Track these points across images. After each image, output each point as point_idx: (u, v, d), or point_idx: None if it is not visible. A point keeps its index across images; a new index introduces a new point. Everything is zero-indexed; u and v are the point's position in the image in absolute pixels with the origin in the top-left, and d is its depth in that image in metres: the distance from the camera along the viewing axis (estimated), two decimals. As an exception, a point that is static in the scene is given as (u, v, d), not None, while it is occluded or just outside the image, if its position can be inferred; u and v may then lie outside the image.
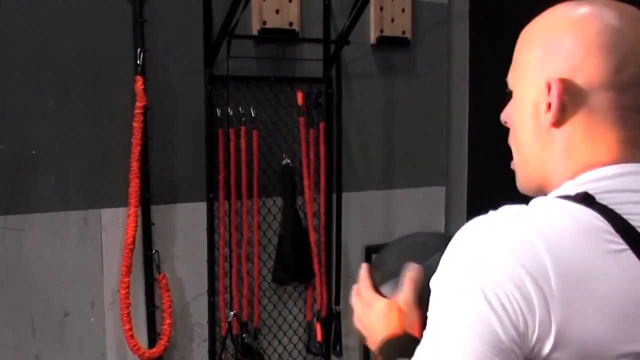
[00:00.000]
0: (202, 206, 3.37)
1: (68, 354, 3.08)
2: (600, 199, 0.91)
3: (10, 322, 2.99)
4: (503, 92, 1.16)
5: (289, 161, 3.55)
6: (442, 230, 4.19)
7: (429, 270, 1.10)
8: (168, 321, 3.23)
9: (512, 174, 4.09)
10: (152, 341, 3.23)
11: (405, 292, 1.18)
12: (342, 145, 3.73)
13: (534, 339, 0.85)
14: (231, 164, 3.37)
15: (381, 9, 3.81)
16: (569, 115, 0.97)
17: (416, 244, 1.36)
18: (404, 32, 3.90)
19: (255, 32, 3.46)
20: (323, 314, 3.61)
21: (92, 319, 3.16)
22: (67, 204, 3.10)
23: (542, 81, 0.98)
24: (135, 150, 3.12)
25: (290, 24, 3.54)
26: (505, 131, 1.21)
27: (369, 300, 1.22)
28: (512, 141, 1.11)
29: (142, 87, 3.11)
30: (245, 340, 3.41)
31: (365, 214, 3.90)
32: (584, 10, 0.99)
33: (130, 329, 3.14)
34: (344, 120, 3.74)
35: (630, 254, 0.87)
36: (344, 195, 3.75)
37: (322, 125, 3.62)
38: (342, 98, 3.72)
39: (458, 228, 3.75)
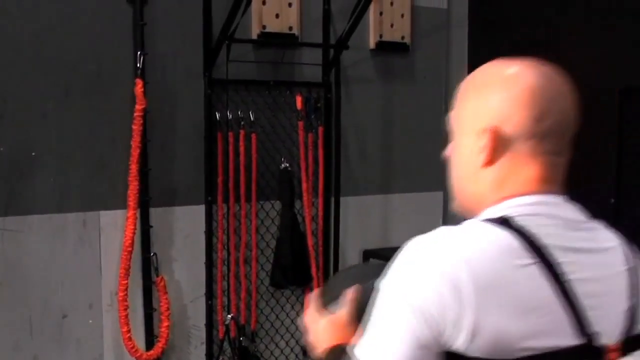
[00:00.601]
0: (200, 209, 3.38)
1: (66, 355, 3.09)
2: (518, 220, 1.12)
3: (8, 322, 2.99)
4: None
5: (288, 165, 3.55)
6: None
7: (365, 292, 1.32)
8: (166, 323, 3.24)
9: None
10: (150, 343, 3.23)
11: (343, 309, 1.39)
12: (340, 149, 3.74)
13: (452, 334, 1.05)
14: (230, 167, 3.38)
15: (380, 14, 3.83)
16: (498, 157, 1.18)
17: (357, 272, 1.60)
18: (403, 37, 3.92)
19: (254, 36, 3.47)
20: None
21: (90, 321, 3.16)
22: (66, 205, 3.10)
23: (478, 129, 1.18)
24: (135, 152, 3.12)
25: (290, 28, 3.55)
26: None
27: (314, 318, 1.45)
28: (450, 174, 1.30)
29: (142, 90, 3.12)
30: (243, 344, 3.41)
31: (363, 218, 3.90)
32: (512, 70, 1.20)
33: (128, 331, 3.15)
34: (343, 124, 3.75)
35: (534, 267, 1.08)
36: (342, 199, 3.76)
37: (320, 130, 3.63)
38: (341, 102, 3.73)
39: None
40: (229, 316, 3.38)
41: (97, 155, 3.16)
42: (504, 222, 1.12)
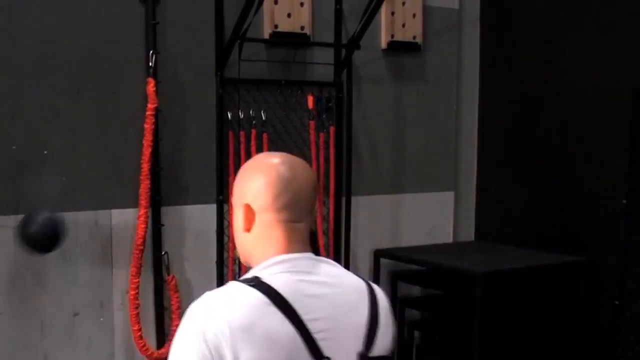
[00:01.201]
0: (212, 208, 3.38)
1: (76, 354, 3.09)
2: (266, 280, 1.49)
3: (19, 321, 3.00)
4: (513, 97, 1.28)
5: None
6: (451, 234, 4.21)
7: None
8: (176, 322, 3.21)
9: (521, 180, 4.08)
10: (161, 342, 3.24)
11: None
12: (351, 149, 3.75)
13: None
14: (241, 166, 3.34)
15: (392, 14, 3.83)
16: (253, 225, 1.58)
17: None
18: (414, 37, 3.92)
19: (266, 36, 3.48)
20: None
21: (101, 319, 3.17)
22: (78, 204, 3.11)
23: (240, 204, 1.61)
24: (146, 151, 3.13)
25: (302, 28, 3.56)
26: (515, 139, 1.31)
27: None
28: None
29: (154, 89, 3.13)
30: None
31: (374, 218, 3.92)
32: (267, 161, 1.61)
33: (139, 330, 3.15)
34: (354, 124, 3.76)
35: (279, 314, 1.44)
36: (353, 198, 3.77)
37: (332, 129, 3.63)
38: (353, 102, 3.74)
39: (467, 233, 3.76)
40: None
41: (108, 154, 3.17)
42: (255, 283, 1.48)
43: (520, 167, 3.94)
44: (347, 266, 3.68)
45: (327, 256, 3.55)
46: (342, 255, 3.72)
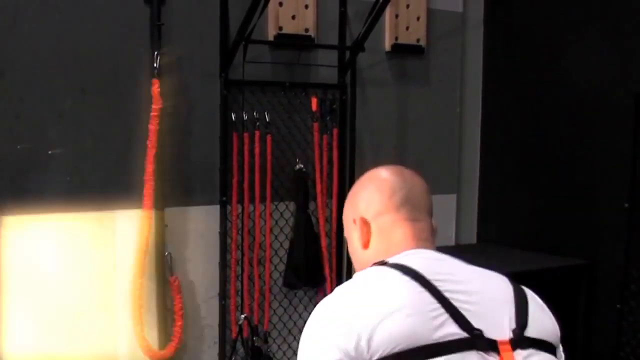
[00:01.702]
0: (215, 209, 3.39)
1: (80, 354, 3.09)
2: (399, 260, 1.47)
3: (24, 320, 2.99)
4: (516, 101, 1.34)
5: (302, 166, 3.57)
6: (453, 237, 4.22)
7: None
8: (179, 323, 3.24)
9: (523, 184, 4.06)
10: (163, 343, 3.24)
11: None
12: (355, 151, 3.75)
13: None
14: (245, 168, 3.39)
15: (396, 16, 3.84)
16: (370, 237, 1.58)
17: None
18: (418, 40, 3.93)
19: (271, 38, 3.48)
20: None
21: (104, 320, 3.16)
22: (82, 205, 3.11)
23: (353, 221, 1.61)
24: (150, 152, 3.13)
25: (306, 30, 3.56)
26: (518, 142, 1.37)
27: None
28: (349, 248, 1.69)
29: (159, 89, 3.13)
30: (256, 344, 3.41)
31: None
32: (372, 173, 1.65)
33: (142, 330, 3.15)
34: (358, 126, 3.76)
35: (415, 283, 1.38)
36: None
37: (335, 131, 3.64)
38: (356, 104, 3.74)
39: (469, 236, 3.75)
40: (242, 316, 3.38)
41: (113, 155, 3.17)
42: (391, 264, 1.46)
43: (523, 170, 3.93)
44: (349, 267, 3.69)
45: (330, 258, 3.61)
46: (344, 256, 3.70)
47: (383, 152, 3.92)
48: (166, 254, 3.26)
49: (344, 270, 3.72)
